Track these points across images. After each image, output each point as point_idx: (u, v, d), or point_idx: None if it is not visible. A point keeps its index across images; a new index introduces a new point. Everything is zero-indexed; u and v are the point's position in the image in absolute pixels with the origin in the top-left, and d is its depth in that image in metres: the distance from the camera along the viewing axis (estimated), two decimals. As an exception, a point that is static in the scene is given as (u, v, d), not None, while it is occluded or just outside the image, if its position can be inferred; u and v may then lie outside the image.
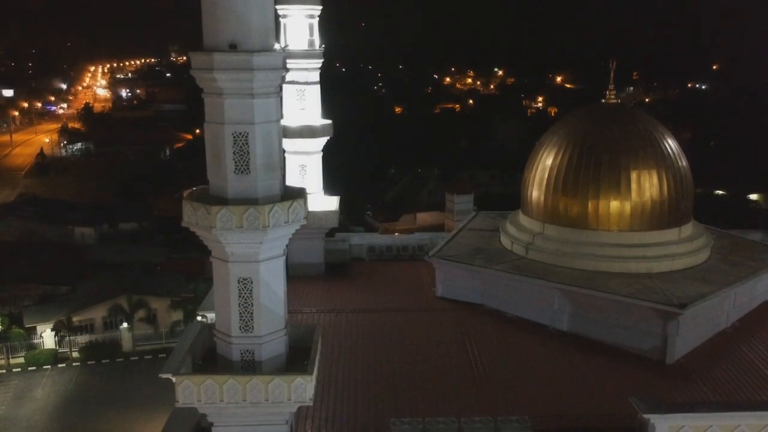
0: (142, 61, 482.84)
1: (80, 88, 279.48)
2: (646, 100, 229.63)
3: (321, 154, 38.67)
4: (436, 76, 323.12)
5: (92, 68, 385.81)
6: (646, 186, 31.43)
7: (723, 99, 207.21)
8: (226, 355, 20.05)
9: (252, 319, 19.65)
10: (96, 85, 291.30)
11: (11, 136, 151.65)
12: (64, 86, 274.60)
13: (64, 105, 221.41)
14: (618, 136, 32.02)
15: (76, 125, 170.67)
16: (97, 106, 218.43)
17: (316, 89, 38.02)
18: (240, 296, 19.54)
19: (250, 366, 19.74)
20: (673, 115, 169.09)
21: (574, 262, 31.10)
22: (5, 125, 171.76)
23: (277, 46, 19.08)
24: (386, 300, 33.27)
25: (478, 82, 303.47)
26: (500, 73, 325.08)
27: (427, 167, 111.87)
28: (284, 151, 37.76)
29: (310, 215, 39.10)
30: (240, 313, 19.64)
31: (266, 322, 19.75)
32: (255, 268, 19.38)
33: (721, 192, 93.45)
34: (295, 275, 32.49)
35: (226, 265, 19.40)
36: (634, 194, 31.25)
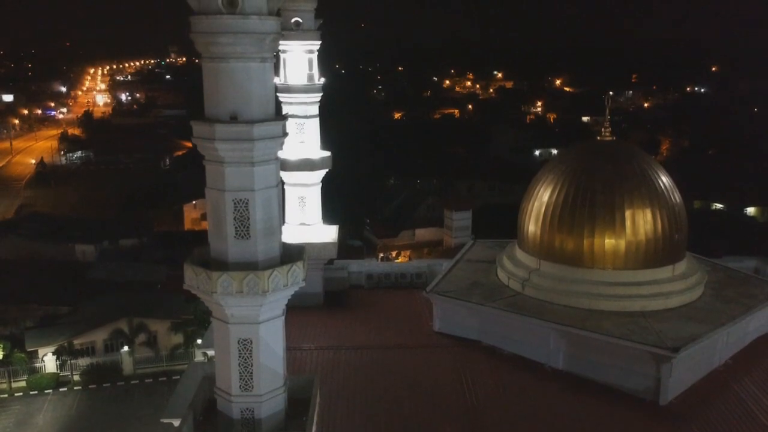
0: (142, 62, 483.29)
1: (80, 92, 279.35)
2: (645, 105, 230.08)
3: (320, 185, 39.10)
4: (435, 79, 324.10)
5: (92, 70, 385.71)
6: (641, 225, 31.85)
7: (722, 103, 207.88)
8: (226, 412, 20.50)
9: (252, 379, 20.10)
10: (96, 89, 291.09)
11: (11, 144, 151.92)
12: (63, 89, 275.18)
13: (64, 110, 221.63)
14: (613, 175, 32.45)
15: (76, 131, 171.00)
16: (97, 111, 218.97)
17: (316, 122, 38.39)
18: (240, 356, 19.99)
19: (250, 424, 20.20)
20: (672, 121, 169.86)
21: (570, 300, 31.52)
22: (5, 131, 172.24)
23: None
24: (384, 336, 33.65)
25: (478, 86, 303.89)
26: (499, 75, 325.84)
27: (426, 177, 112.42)
28: (283, 183, 38.27)
29: (308, 246, 39.56)
30: (240, 373, 20.10)
31: (266, 381, 20.20)
32: (255, 330, 19.84)
33: (718, 205, 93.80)
34: (293, 305, 32.83)
35: (227, 326, 19.84)
36: (628, 233, 31.67)
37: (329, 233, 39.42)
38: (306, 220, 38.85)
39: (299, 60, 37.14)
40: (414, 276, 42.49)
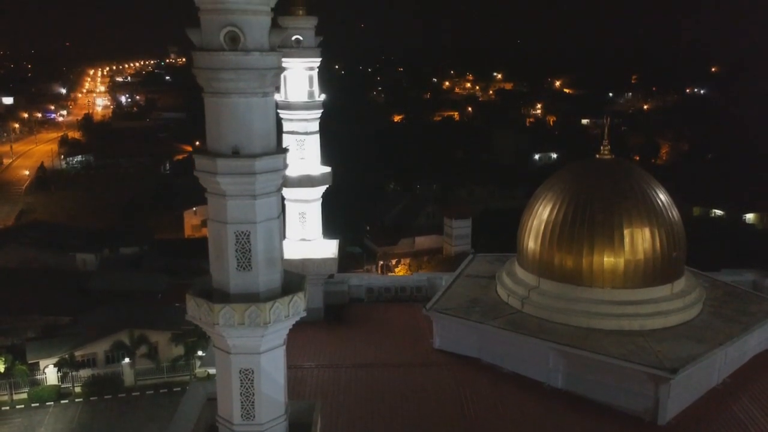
0: (142, 62, 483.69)
1: (80, 95, 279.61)
2: (645, 107, 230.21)
3: (320, 200, 39.29)
4: (435, 80, 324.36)
5: (91, 71, 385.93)
6: (640, 244, 32.04)
7: (722, 105, 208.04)
8: (228, 440, 20.65)
9: (253, 408, 20.23)
10: (96, 91, 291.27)
11: (11, 148, 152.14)
12: (63, 90, 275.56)
13: (64, 112, 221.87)
14: (612, 194, 32.66)
15: (76, 135, 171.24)
16: (97, 114, 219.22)
17: (316, 138, 38.61)
18: (242, 386, 20.12)
19: (251, 452, 20.34)
20: (672, 125, 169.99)
21: (569, 319, 31.72)
22: (5, 135, 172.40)
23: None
24: (385, 353, 33.84)
25: (477, 87, 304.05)
26: (499, 76, 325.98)
27: (425, 183, 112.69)
28: (284, 199, 38.46)
29: (309, 262, 40.07)
30: (242, 402, 20.23)
31: (267, 410, 20.33)
32: (256, 360, 19.97)
33: (718, 212, 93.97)
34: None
35: (228, 356, 19.98)
36: (627, 252, 31.86)
37: (329, 248, 39.61)
38: (306, 236, 39.06)
39: (300, 77, 37.36)
40: (414, 289, 42.76)
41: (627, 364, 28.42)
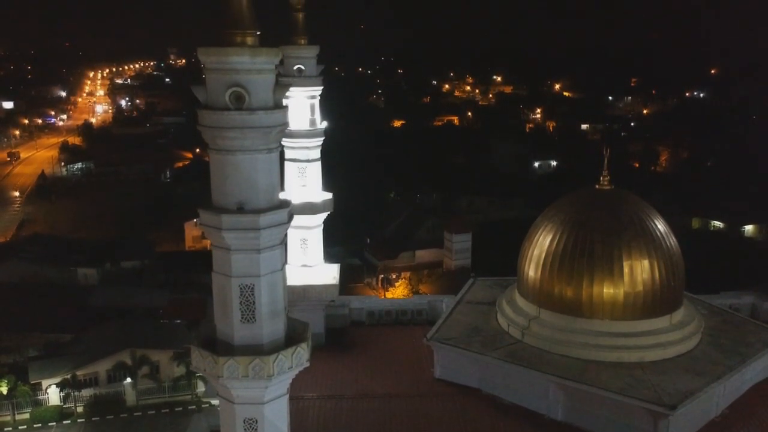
0: (142, 63, 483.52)
1: (80, 99, 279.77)
2: (645, 111, 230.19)
3: (322, 226, 39.52)
4: (435, 83, 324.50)
5: (91, 74, 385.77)
6: (639, 275, 32.30)
7: (721, 109, 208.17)
8: (233, 486, 20.91)
9: (258, 455, 20.50)
10: (95, 96, 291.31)
11: (11, 154, 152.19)
12: (63, 93, 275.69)
13: (64, 116, 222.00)
14: (611, 226, 32.90)
15: (77, 141, 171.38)
16: (97, 119, 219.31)
17: (317, 166, 38.85)
18: (246, 435, 20.40)
19: (256, 498, 20.61)
20: (672, 130, 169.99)
21: (569, 350, 31.97)
22: (5, 140, 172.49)
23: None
24: (386, 383, 34.05)
25: (477, 90, 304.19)
26: (498, 79, 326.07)
27: (426, 192, 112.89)
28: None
29: (310, 288, 40.23)
30: (246, 451, 20.50)
31: (271, 458, 20.60)
32: (260, 410, 20.26)
33: (717, 223, 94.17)
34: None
35: (232, 406, 20.26)
36: (627, 284, 32.12)
37: (330, 273, 39.81)
38: (308, 262, 39.30)
39: (301, 106, 37.60)
40: (415, 313, 43.11)
41: (626, 399, 28.70)
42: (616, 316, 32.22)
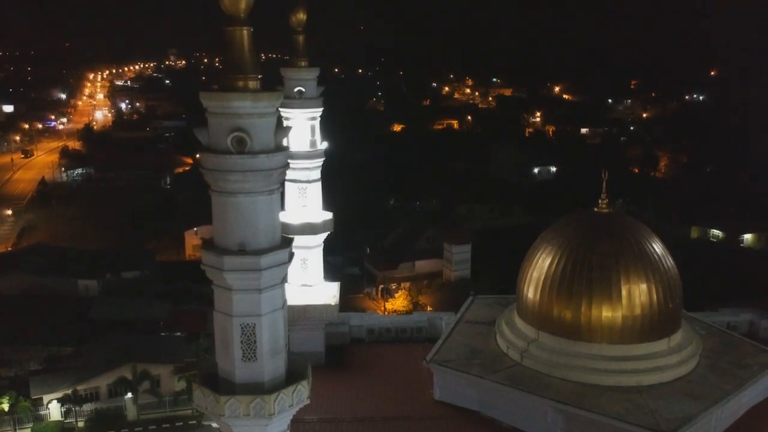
0: (141, 65, 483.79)
1: (80, 102, 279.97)
2: (644, 115, 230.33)
3: (322, 246, 39.72)
4: (434, 85, 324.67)
5: (91, 75, 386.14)
6: (637, 298, 32.50)
7: (721, 112, 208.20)
8: None
9: (258, 491, 20.69)
10: (95, 99, 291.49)
11: (12, 160, 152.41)
12: (63, 96, 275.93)
13: (64, 120, 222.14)
14: (609, 250, 33.09)
15: (77, 145, 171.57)
16: (97, 123, 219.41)
17: (318, 186, 39.07)
18: (247, 470, 20.58)
19: None
20: (671, 134, 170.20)
21: (568, 374, 32.16)
22: (6, 144, 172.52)
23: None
24: (385, 404, 34.26)
25: (477, 93, 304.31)
26: (498, 81, 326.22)
27: (426, 199, 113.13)
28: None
29: (310, 308, 40.42)
30: (247, 484, 20.69)
31: (272, 493, 20.80)
32: (261, 446, 20.44)
33: (716, 232, 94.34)
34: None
35: (234, 443, 20.45)
36: (625, 307, 32.32)
37: (330, 293, 40.00)
38: (308, 281, 39.50)
39: (302, 127, 37.82)
40: (414, 330, 43.32)
41: (624, 425, 28.87)
42: (615, 340, 32.42)
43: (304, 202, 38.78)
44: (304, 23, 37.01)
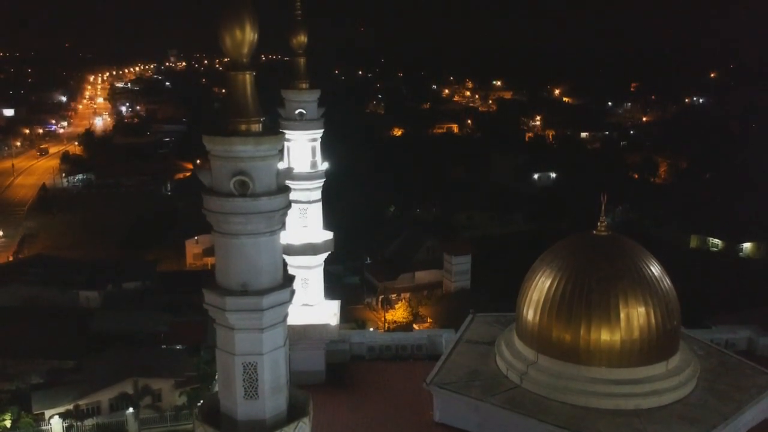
0: (141, 66, 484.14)
1: (80, 105, 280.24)
2: (644, 119, 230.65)
3: (322, 266, 39.98)
4: (434, 87, 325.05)
5: (91, 77, 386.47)
6: (635, 321, 32.68)
7: (720, 115, 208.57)
8: None
9: None
10: (95, 102, 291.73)
11: (13, 165, 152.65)
12: (64, 99, 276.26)
13: (65, 123, 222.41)
14: (607, 273, 33.27)
15: (77, 150, 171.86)
16: (98, 128, 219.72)
17: (318, 207, 39.35)
18: (249, 507, 20.78)
19: None
20: (671, 138, 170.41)
21: (567, 397, 32.35)
22: (6, 148, 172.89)
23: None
24: (387, 427, 34.48)
25: (477, 96, 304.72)
26: (498, 83, 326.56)
27: (425, 206, 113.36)
28: (286, 265, 39.14)
29: (311, 328, 40.67)
30: None
31: None
32: (262, 483, 20.63)
33: (716, 241, 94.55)
34: (294, 384, 33.79)
35: (235, 479, 20.65)
36: (623, 331, 32.51)
37: (331, 311, 40.29)
38: (309, 301, 39.75)
39: (303, 148, 38.12)
40: (414, 348, 43.53)
41: (623, 452, 29.08)
42: (614, 363, 32.61)
43: (305, 222, 39.05)
44: (305, 45, 37.24)
